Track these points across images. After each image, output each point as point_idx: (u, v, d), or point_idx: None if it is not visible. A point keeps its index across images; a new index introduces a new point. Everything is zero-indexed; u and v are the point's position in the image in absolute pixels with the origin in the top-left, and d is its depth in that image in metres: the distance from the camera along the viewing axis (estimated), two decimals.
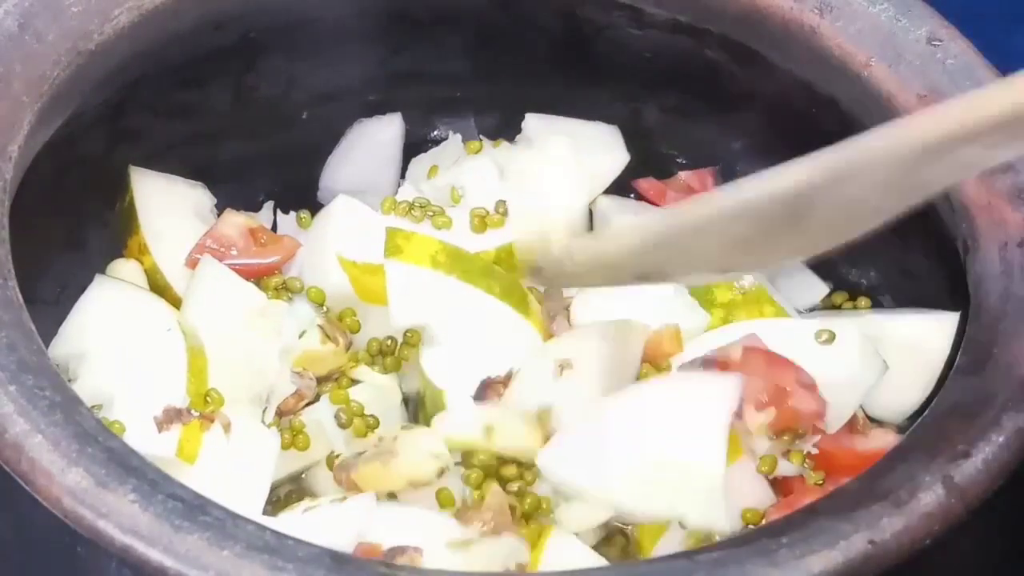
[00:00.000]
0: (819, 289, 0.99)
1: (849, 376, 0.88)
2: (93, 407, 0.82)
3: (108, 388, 0.85)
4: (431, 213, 0.93)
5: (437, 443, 0.83)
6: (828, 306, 0.99)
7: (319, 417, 0.88)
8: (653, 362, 0.90)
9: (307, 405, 0.89)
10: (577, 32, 1.01)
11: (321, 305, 0.92)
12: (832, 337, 0.88)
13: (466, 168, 0.99)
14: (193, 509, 0.67)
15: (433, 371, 0.89)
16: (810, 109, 0.96)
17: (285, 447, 0.87)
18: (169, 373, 0.85)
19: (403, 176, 1.04)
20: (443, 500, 0.84)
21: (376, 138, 1.04)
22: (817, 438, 0.86)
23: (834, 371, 0.87)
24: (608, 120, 1.03)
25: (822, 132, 0.96)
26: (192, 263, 0.92)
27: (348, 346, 0.90)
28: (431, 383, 0.88)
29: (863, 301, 0.98)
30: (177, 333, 0.86)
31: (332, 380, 0.91)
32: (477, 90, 1.03)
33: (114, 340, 0.87)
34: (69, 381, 0.84)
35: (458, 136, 1.03)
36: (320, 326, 0.89)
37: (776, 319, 0.92)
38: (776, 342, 0.87)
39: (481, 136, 1.04)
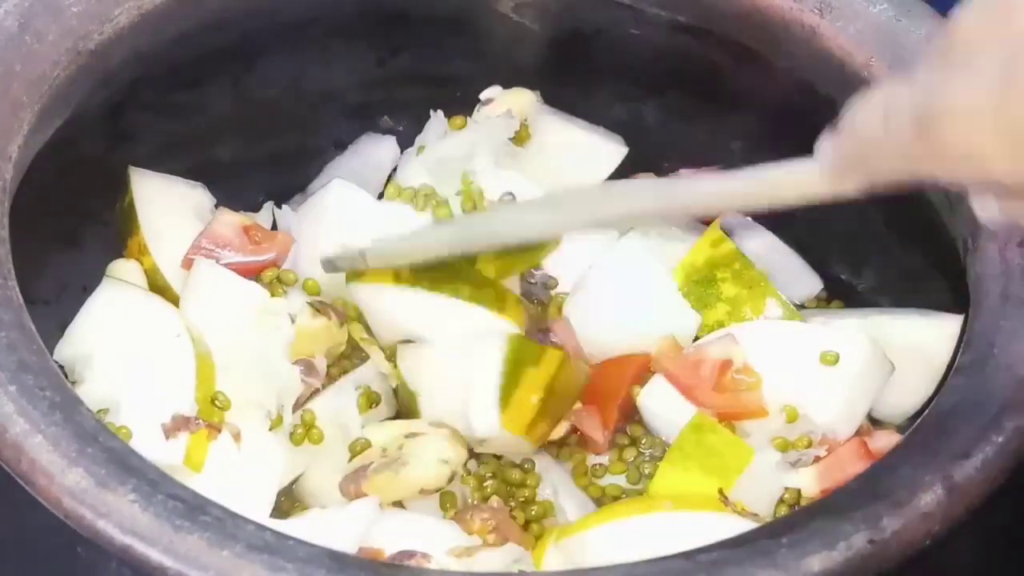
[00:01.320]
0: (814, 283, 0.99)
1: (859, 382, 0.88)
2: (99, 411, 0.83)
3: (114, 393, 0.84)
4: (435, 202, 0.93)
5: (446, 449, 0.83)
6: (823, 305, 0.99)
7: (336, 405, 0.88)
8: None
9: (315, 393, 0.89)
10: (577, 32, 1.01)
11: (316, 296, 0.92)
12: (836, 359, 0.87)
13: (463, 142, 0.99)
14: (193, 509, 0.67)
15: (408, 373, 0.89)
16: (810, 109, 0.96)
17: (297, 443, 0.87)
18: (178, 380, 0.85)
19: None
20: (446, 503, 0.84)
21: (369, 158, 1.04)
22: (826, 447, 0.86)
23: (844, 378, 0.87)
24: (608, 120, 1.03)
25: (822, 132, 0.97)
26: (187, 264, 0.92)
27: (342, 322, 0.90)
28: (406, 384, 0.89)
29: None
30: (186, 339, 0.86)
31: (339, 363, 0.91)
32: (477, 90, 1.03)
33: (121, 344, 0.86)
34: (73, 384, 0.84)
35: (440, 113, 1.02)
36: (309, 303, 0.89)
37: (787, 322, 0.92)
38: (787, 346, 0.87)
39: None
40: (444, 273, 0.89)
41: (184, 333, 0.86)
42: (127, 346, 0.86)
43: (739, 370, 0.87)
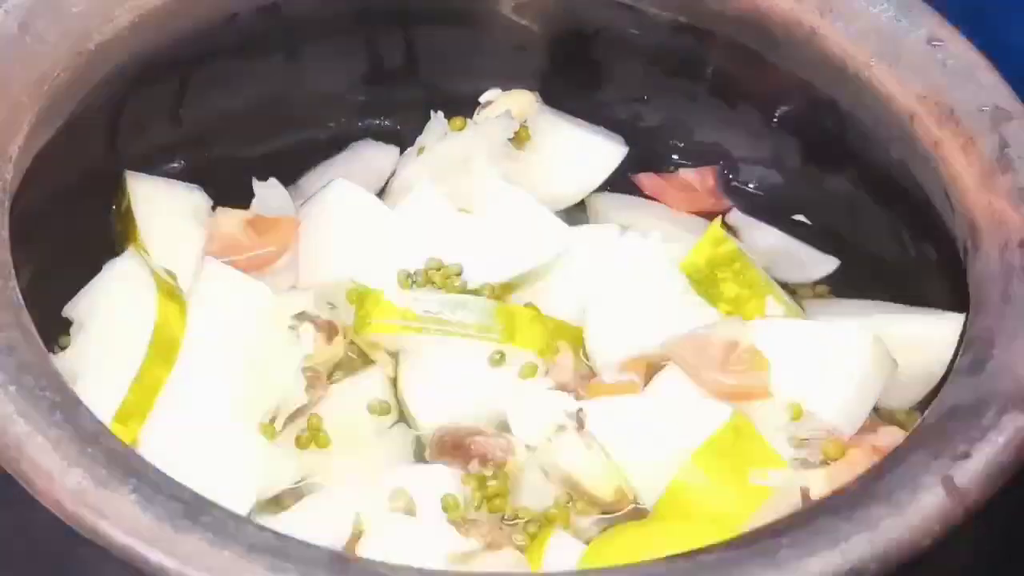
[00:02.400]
0: (830, 263, 1.00)
1: (864, 380, 0.87)
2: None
3: (79, 369, 0.85)
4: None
5: None
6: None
7: (343, 410, 0.89)
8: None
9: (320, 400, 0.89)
10: (577, 32, 1.01)
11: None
12: (841, 356, 0.87)
13: (463, 143, 0.98)
14: (194, 510, 0.67)
15: (411, 395, 0.90)
16: (810, 109, 0.96)
17: (303, 447, 0.87)
18: (121, 373, 0.85)
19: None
20: (448, 503, 0.84)
21: (370, 163, 1.04)
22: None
23: (849, 375, 0.87)
24: (608, 120, 1.03)
25: (822, 132, 0.97)
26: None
27: (331, 337, 0.90)
28: (406, 405, 0.90)
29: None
30: (146, 334, 0.86)
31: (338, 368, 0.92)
32: (477, 90, 1.03)
33: (106, 321, 0.87)
34: (63, 348, 0.87)
35: (440, 113, 1.02)
36: (316, 325, 0.89)
37: (791, 320, 0.91)
38: (791, 343, 0.87)
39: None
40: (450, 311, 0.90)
41: (151, 325, 0.86)
42: (109, 324, 0.87)
43: (746, 351, 0.87)
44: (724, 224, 0.99)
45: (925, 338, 0.91)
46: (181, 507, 0.67)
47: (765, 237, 1.02)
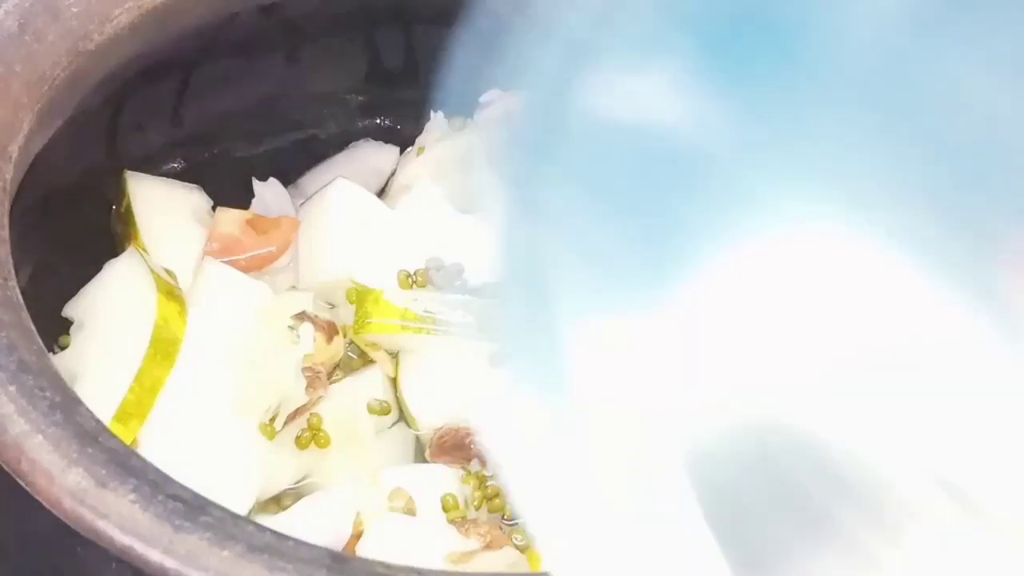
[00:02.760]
0: None
1: None
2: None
3: (77, 369, 0.85)
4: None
5: None
6: None
7: (342, 409, 0.89)
8: None
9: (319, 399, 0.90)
10: None
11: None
12: None
13: (463, 143, 0.98)
14: (194, 509, 0.67)
15: (411, 395, 0.90)
16: None
17: (303, 447, 0.87)
18: (121, 373, 0.85)
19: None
20: (448, 503, 0.84)
21: (370, 163, 1.04)
22: None
23: None
24: None
25: None
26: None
27: (330, 337, 0.90)
28: (406, 405, 0.90)
29: None
30: (146, 334, 0.86)
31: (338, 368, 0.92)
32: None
33: (106, 321, 0.87)
34: (62, 348, 0.87)
35: (440, 113, 1.02)
36: (316, 325, 0.89)
37: None
38: None
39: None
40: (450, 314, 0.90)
41: (150, 326, 0.86)
42: (107, 323, 0.87)
43: None
44: None
45: None
46: (181, 507, 0.67)
47: None
